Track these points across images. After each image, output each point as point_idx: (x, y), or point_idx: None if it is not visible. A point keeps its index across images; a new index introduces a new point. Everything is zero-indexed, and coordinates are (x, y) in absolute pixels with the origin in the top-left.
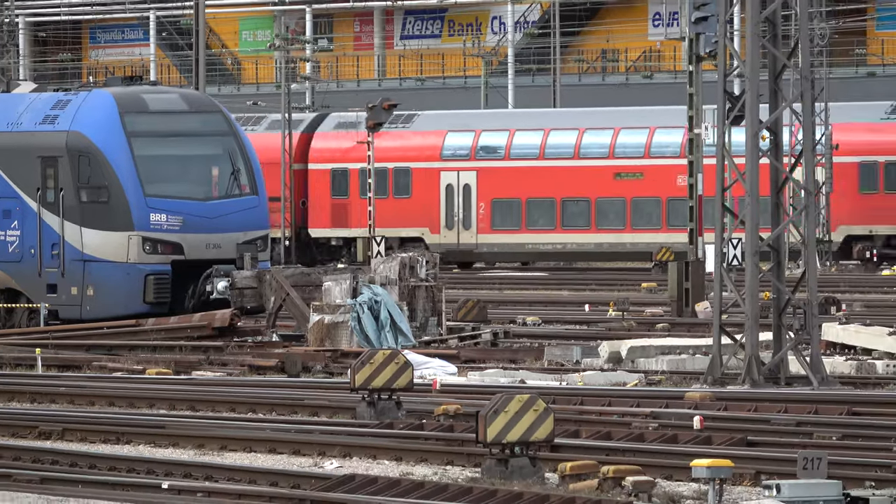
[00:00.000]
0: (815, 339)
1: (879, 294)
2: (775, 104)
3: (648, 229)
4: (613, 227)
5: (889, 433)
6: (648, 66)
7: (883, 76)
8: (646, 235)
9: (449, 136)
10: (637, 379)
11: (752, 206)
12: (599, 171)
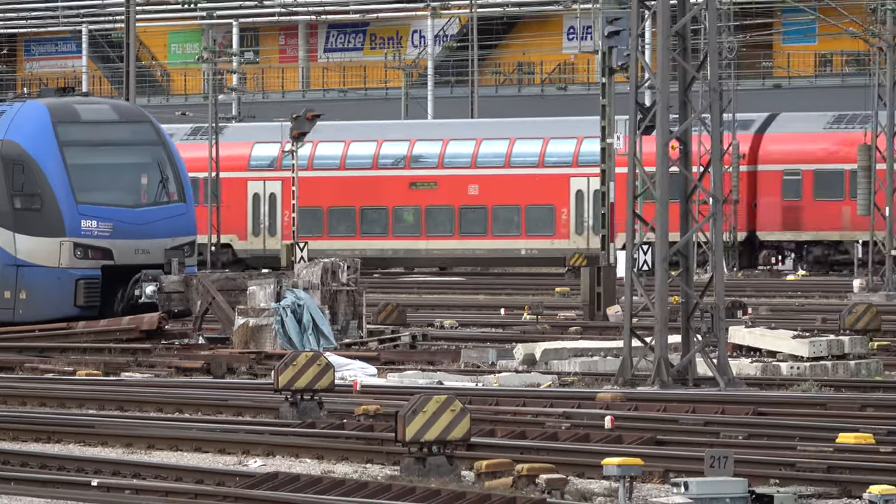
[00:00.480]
0: (722, 342)
1: (784, 298)
2: (685, 115)
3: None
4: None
5: (793, 433)
6: (563, 78)
7: (789, 88)
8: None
9: (256, 147)
10: (550, 380)
11: (662, 213)
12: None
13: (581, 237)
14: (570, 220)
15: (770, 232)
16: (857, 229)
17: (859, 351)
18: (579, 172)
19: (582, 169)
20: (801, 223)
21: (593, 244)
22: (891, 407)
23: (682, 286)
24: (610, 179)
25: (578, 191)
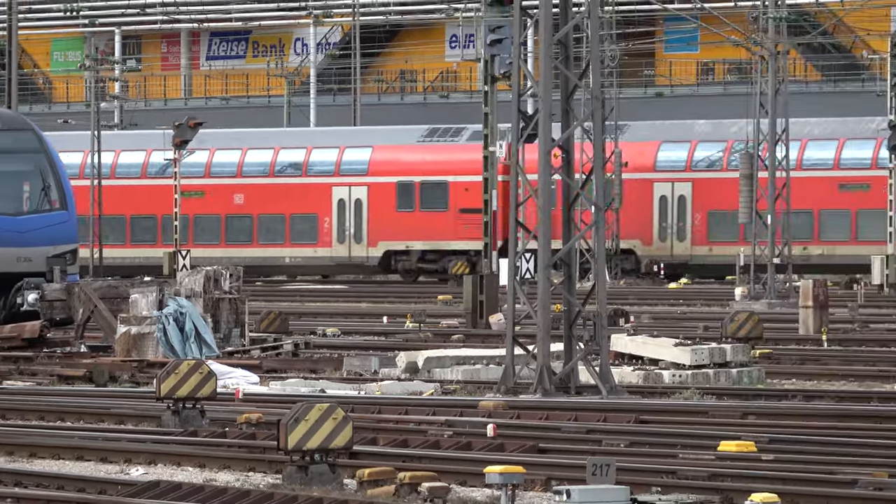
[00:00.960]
0: (605, 350)
1: (666, 306)
2: (567, 123)
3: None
4: None
5: (675, 440)
6: (445, 86)
7: (671, 97)
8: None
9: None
10: (433, 388)
11: (544, 221)
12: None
13: (343, 245)
14: (332, 229)
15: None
16: None
17: (741, 359)
18: (341, 181)
19: (344, 178)
20: (555, 232)
21: (355, 253)
22: (772, 415)
23: (564, 294)
24: (492, 187)
25: (340, 200)
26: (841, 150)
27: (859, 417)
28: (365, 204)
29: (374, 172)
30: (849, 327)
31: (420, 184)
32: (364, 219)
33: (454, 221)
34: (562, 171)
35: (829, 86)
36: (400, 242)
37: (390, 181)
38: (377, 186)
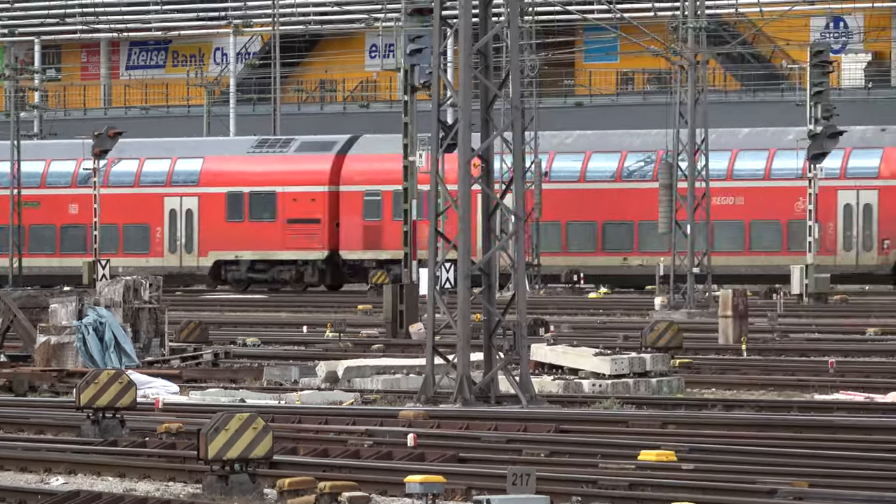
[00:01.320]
0: (524, 360)
1: (586, 316)
2: (487, 133)
3: None
4: None
5: (595, 450)
6: (365, 96)
7: (590, 106)
8: None
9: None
10: (353, 398)
11: (464, 231)
12: None
13: (174, 255)
14: (164, 239)
15: (352, 251)
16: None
17: (661, 368)
18: (173, 192)
19: (175, 189)
20: (382, 242)
21: (186, 262)
22: (692, 424)
23: (484, 304)
24: (412, 197)
25: (172, 210)
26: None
27: (779, 427)
28: (196, 214)
29: (204, 183)
30: (768, 337)
31: (249, 194)
32: (195, 229)
33: (283, 232)
34: (481, 181)
35: (749, 96)
36: (230, 252)
37: (220, 192)
38: (207, 197)
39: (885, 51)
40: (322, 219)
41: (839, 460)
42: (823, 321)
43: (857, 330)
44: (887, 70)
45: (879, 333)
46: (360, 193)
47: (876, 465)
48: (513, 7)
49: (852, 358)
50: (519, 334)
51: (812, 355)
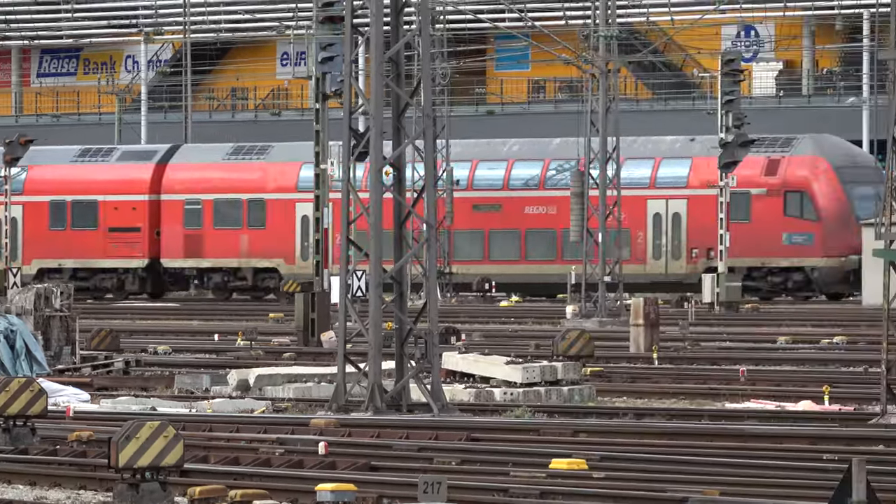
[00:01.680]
0: (436, 368)
1: (497, 324)
2: (398, 141)
3: None
4: None
5: (506, 458)
6: (277, 103)
7: (502, 114)
8: None
9: None
10: (264, 406)
11: (376, 239)
12: None
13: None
14: None
15: (173, 259)
16: None
17: (572, 377)
18: None
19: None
20: (203, 251)
21: None
22: (603, 433)
23: (396, 312)
24: (324, 205)
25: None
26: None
27: (690, 435)
28: (20, 222)
29: (28, 191)
30: (679, 345)
31: (72, 203)
32: (19, 237)
33: (104, 240)
34: (393, 190)
35: (660, 104)
36: (53, 261)
37: (43, 200)
38: (31, 205)
39: (797, 59)
40: (143, 227)
41: (750, 469)
42: (734, 330)
43: (768, 338)
44: (798, 78)
45: (790, 342)
46: (180, 202)
47: (786, 473)
48: (424, 15)
49: (763, 366)
50: (430, 343)
51: (723, 364)
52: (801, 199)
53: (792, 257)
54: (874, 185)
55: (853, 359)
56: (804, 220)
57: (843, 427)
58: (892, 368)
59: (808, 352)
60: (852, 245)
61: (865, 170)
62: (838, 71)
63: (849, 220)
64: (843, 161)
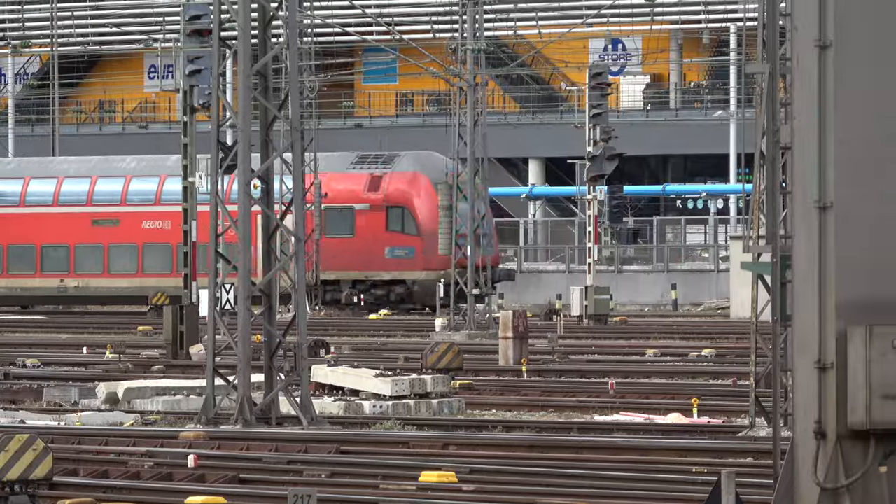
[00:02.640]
0: (305, 381)
1: (366, 337)
2: (266, 154)
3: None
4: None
5: (376, 471)
6: (144, 116)
7: (370, 127)
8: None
9: None
10: (133, 419)
11: (244, 252)
12: None
13: None
14: None
15: None
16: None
17: (441, 389)
18: None
19: None
20: None
21: None
22: (473, 445)
23: (264, 325)
24: (192, 218)
25: None
26: None
27: (559, 447)
28: None
29: None
30: (548, 358)
31: None
32: None
33: None
34: (261, 202)
35: (528, 117)
36: None
37: None
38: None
39: (664, 73)
40: None
41: (619, 481)
42: (603, 343)
43: (636, 351)
44: (666, 92)
45: (658, 355)
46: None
47: (656, 486)
48: (292, 29)
49: (632, 379)
50: (299, 355)
51: (592, 376)
52: (403, 215)
53: (394, 270)
54: None
55: (722, 371)
56: (405, 234)
57: (712, 439)
58: (761, 381)
59: (676, 364)
60: (450, 259)
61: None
62: (705, 84)
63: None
64: (443, 177)
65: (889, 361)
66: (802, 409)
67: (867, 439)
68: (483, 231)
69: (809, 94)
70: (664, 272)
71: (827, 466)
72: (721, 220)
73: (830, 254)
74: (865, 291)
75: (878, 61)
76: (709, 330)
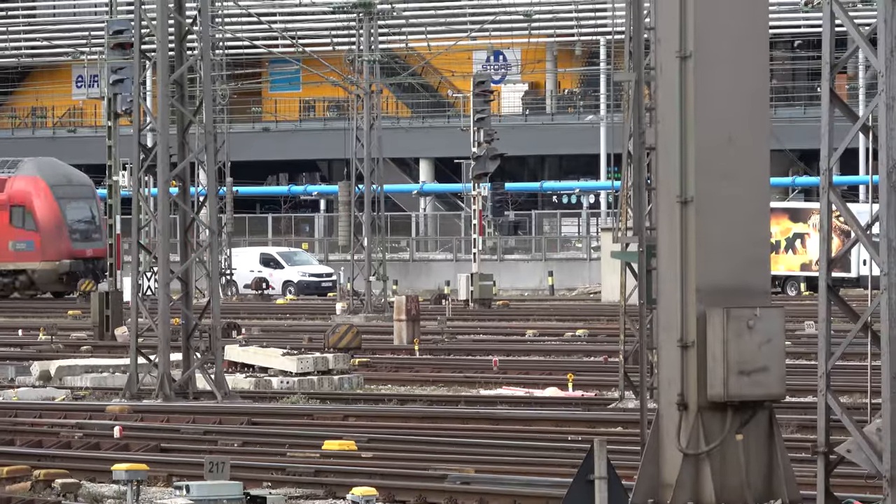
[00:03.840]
0: (219, 359)
1: (274, 320)
2: (183, 155)
3: None
4: None
5: (283, 440)
6: (73, 121)
7: (276, 131)
8: None
9: None
10: (64, 394)
11: (164, 243)
12: None
13: None
14: None
15: None
16: None
17: (342, 367)
18: None
19: None
20: None
21: None
22: (371, 417)
23: (182, 309)
24: (116, 213)
25: None
26: None
27: (448, 419)
28: None
29: None
30: (438, 338)
31: None
32: None
33: None
34: (179, 198)
35: (419, 122)
36: None
37: None
38: None
39: (541, 81)
40: None
41: (502, 448)
42: (487, 324)
43: (517, 332)
44: (543, 98)
45: (537, 335)
46: None
47: (535, 452)
48: (205, 42)
49: (514, 357)
50: (214, 336)
51: (477, 354)
52: (24, 213)
53: (17, 262)
54: (87, 200)
55: (594, 349)
56: (26, 230)
57: (586, 411)
58: (629, 358)
59: (553, 343)
60: (66, 251)
61: (80, 188)
62: (578, 91)
63: (62, 230)
64: (59, 180)
65: (744, 340)
66: (667, 383)
67: (725, 410)
68: (94, 227)
69: (671, 100)
70: (542, 260)
71: (689, 435)
72: (593, 213)
73: (691, 244)
74: (722, 277)
75: (733, 70)
76: (582, 312)
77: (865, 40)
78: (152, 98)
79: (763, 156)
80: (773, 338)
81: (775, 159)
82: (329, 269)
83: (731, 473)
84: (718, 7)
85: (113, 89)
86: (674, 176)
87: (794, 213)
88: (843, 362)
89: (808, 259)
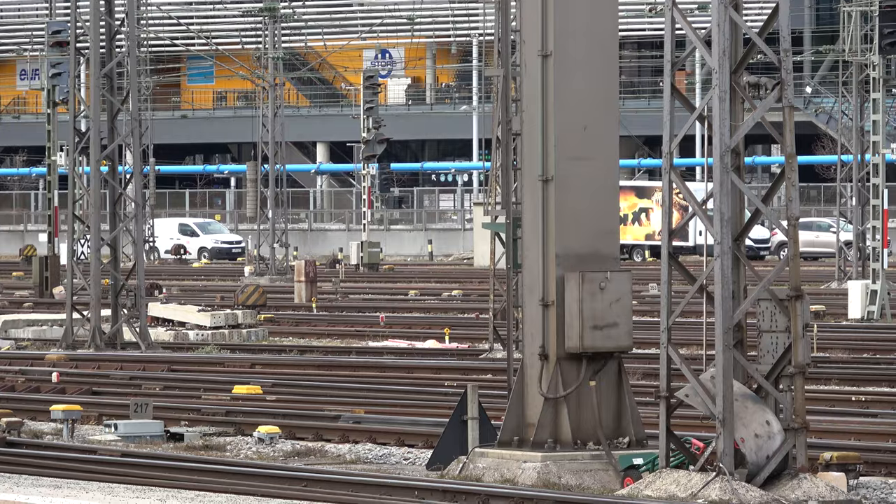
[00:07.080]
0: (143, 315)
1: (191, 281)
2: (112, 139)
3: None
4: None
5: (199, 385)
6: (17, 109)
7: (193, 118)
8: None
9: None
10: (9, 345)
11: (95, 214)
12: None
13: None
14: None
15: None
16: None
17: (250, 322)
18: None
19: None
20: None
21: None
22: (275, 365)
23: (111, 271)
24: (55, 188)
25: None
26: None
27: (342, 367)
28: None
29: None
30: (333, 297)
31: None
32: None
33: None
34: (108, 176)
35: (316, 111)
36: None
37: None
38: None
39: (422, 76)
40: None
41: (389, 392)
42: (375, 285)
43: (401, 292)
44: (423, 91)
45: (418, 294)
46: None
47: (417, 396)
48: (132, 41)
49: (398, 314)
50: (139, 295)
51: (367, 311)
52: None
53: None
54: None
55: (467, 307)
56: None
57: (460, 360)
58: (498, 315)
59: (432, 302)
60: None
61: None
62: (454, 85)
63: None
64: None
65: (597, 300)
66: (530, 337)
67: (580, 360)
68: None
69: (534, 92)
70: (422, 230)
71: (549, 381)
72: (466, 190)
73: (551, 216)
74: (578, 246)
75: (588, 68)
76: (457, 275)
77: (702, 42)
78: (86, 89)
79: (613, 141)
80: (622, 297)
81: (624, 144)
82: (238, 238)
83: (585, 415)
84: (575, 12)
85: (52, 81)
86: (536, 158)
87: (639, 190)
88: (682, 319)
89: (652, 230)
